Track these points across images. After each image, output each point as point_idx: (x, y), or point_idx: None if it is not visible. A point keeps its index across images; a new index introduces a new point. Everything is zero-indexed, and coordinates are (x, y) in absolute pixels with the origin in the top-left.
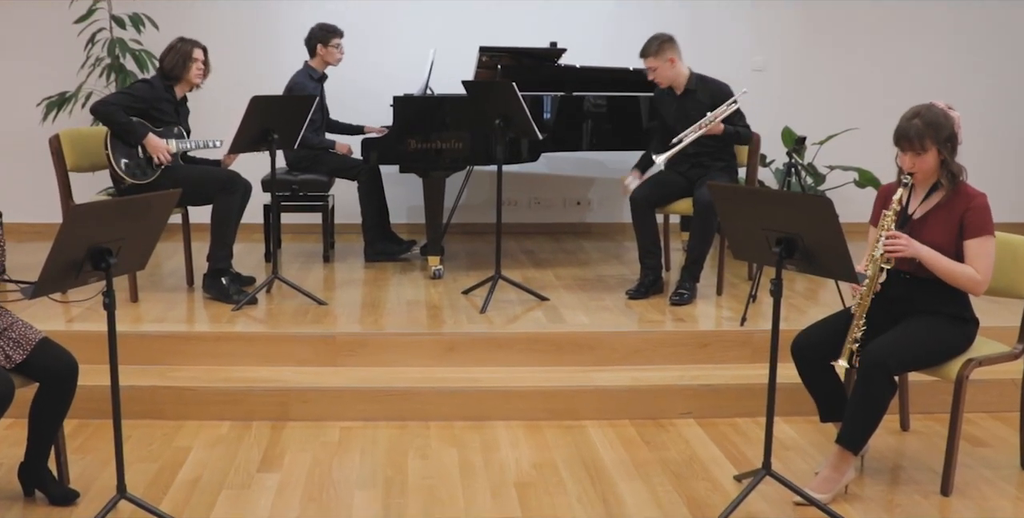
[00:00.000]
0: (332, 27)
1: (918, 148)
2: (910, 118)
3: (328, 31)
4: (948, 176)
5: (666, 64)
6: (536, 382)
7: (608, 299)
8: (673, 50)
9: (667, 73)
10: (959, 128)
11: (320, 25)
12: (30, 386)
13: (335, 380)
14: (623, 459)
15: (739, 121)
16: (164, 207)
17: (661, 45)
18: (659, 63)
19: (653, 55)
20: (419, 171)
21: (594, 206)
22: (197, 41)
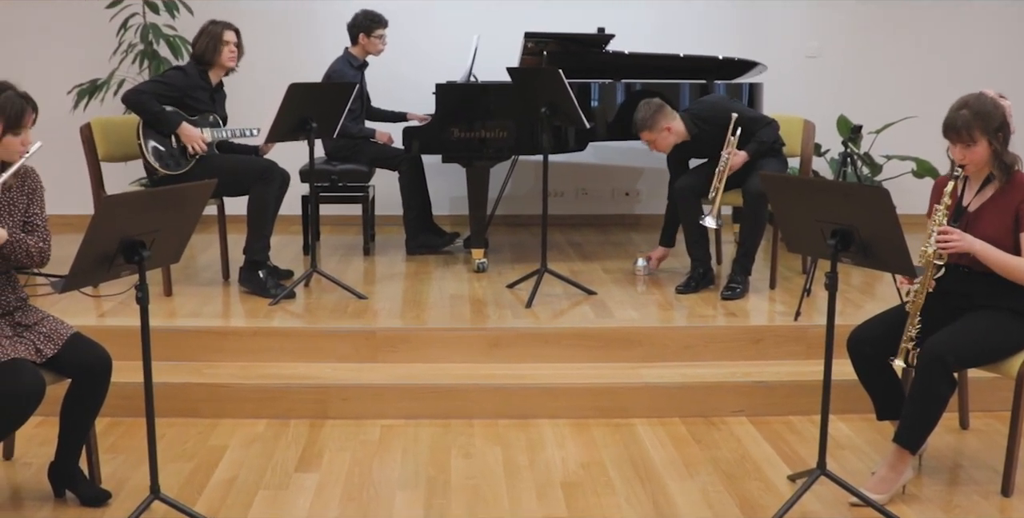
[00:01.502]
0: (377, 16)
1: (967, 139)
2: (958, 108)
3: (373, 20)
4: (1001, 167)
5: (663, 133)
6: (583, 379)
7: (658, 293)
8: (665, 117)
9: (668, 141)
10: (1010, 117)
11: (365, 13)
12: (61, 383)
13: (375, 377)
14: (673, 458)
15: (753, 126)
16: (199, 198)
17: (652, 117)
18: (656, 136)
19: (648, 129)
20: (462, 161)
21: (643, 197)
22: (228, 23)
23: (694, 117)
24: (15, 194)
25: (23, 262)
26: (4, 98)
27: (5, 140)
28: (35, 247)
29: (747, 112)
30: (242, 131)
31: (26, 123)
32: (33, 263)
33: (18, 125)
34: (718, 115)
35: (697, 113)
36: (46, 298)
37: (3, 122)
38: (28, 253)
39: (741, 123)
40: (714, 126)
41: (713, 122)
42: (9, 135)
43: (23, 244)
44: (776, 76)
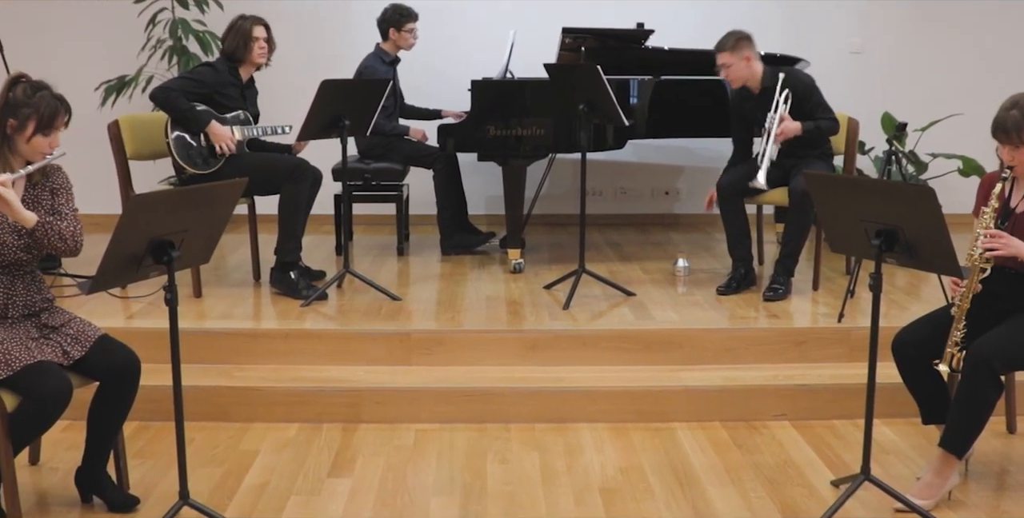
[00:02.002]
0: (407, 10)
1: (1016, 140)
2: (1008, 108)
3: (402, 14)
4: None
5: (741, 62)
6: (622, 382)
7: (698, 294)
8: (750, 48)
9: (742, 72)
10: None
11: (394, 7)
12: (88, 386)
13: (410, 380)
14: (714, 463)
15: (822, 114)
16: (229, 197)
17: (738, 42)
18: (734, 60)
19: (729, 50)
20: (498, 159)
21: (683, 196)
22: (258, 17)
23: (773, 72)
24: (39, 191)
25: (57, 247)
26: (39, 98)
27: (34, 140)
28: (67, 230)
29: (819, 97)
30: (273, 129)
31: (58, 125)
32: (67, 247)
33: (50, 126)
34: (794, 80)
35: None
36: (73, 299)
37: (35, 121)
38: (61, 236)
39: (808, 104)
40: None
41: (792, 80)
42: (39, 135)
43: (54, 227)
44: (819, 72)
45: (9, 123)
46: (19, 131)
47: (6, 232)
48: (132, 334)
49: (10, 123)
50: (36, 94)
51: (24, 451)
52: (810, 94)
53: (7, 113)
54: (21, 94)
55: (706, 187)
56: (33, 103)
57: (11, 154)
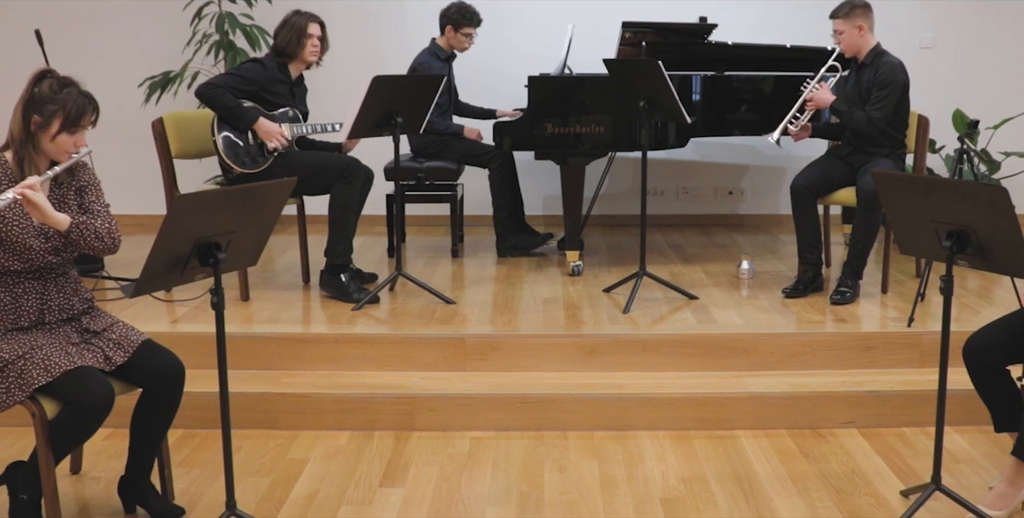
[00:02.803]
0: (471, 13)
1: None
2: None
3: (465, 16)
4: None
5: (853, 31)
6: (684, 388)
7: (763, 298)
8: (864, 17)
9: (853, 41)
10: None
11: (460, 6)
12: (131, 392)
13: (464, 386)
14: (779, 473)
15: (873, 107)
16: (278, 197)
17: (852, 9)
18: (846, 27)
19: (842, 18)
20: (556, 158)
21: (747, 196)
22: (313, 15)
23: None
24: (65, 190)
25: (95, 246)
26: (66, 95)
27: (59, 138)
28: (102, 227)
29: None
30: (323, 126)
31: (84, 123)
32: (105, 246)
33: (76, 124)
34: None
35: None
36: (115, 303)
37: (61, 119)
38: (97, 235)
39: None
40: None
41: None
42: (64, 134)
43: (89, 226)
44: None
45: (33, 120)
46: (43, 128)
47: (31, 236)
48: (177, 339)
49: (34, 120)
50: (63, 90)
51: (65, 460)
52: (886, 84)
53: (32, 109)
54: (47, 90)
55: (772, 187)
56: (60, 100)
57: (35, 153)
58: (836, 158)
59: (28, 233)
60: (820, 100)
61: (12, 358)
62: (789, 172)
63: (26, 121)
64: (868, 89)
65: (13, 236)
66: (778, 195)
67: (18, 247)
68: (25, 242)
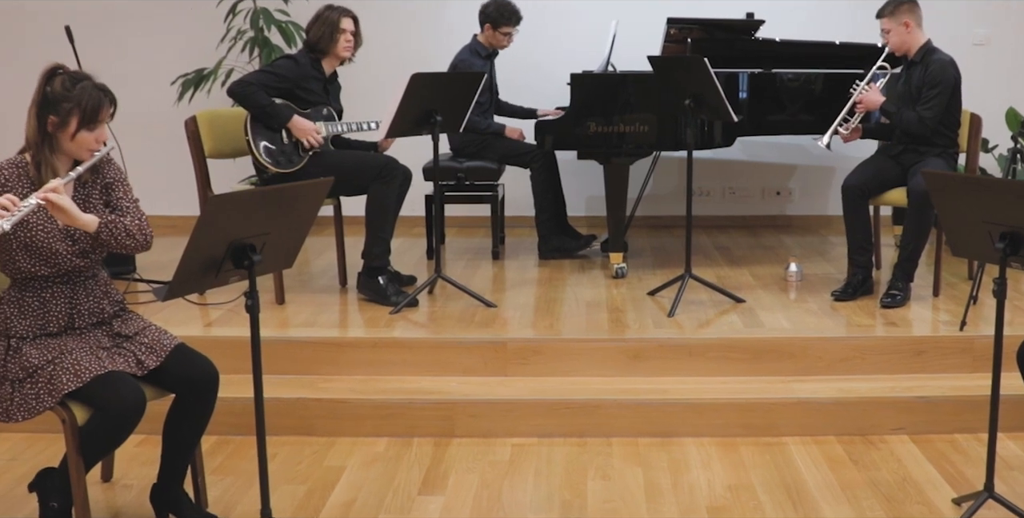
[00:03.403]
0: (511, 12)
1: None
2: None
3: (504, 15)
4: None
5: (900, 28)
6: (730, 394)
7: (811, 301)
8: (910, 14)
9: (902, 38)
10: None
11: (499, 4)
12: (164, 398)
13: (505, 392)
14: (828, 480)
15: (924, 107)
16: (314, 198)
17: (897, 7)
18: (893, 25)
19: (888, 16)
20: (599, 157)
21: (796, 196)
22: (346, 9)
23: (927, 50)
24: (90, 189)
25: (127, 245)
26: (80, 90)
27: (79, 136)
28: (133, 225)
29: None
30: (359, 125)
31: (103, 118)
32: (137, 243)
33: (94, 120)
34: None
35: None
36: (147, 306)
37: (78, 116)
38: (128, 233)
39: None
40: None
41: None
42: (84, 131)
43: (118, 225)
44: None
45: (50, 120)
46: (62, 128)
47: (56, 239)
48: (211, 343)
49: (51, 120)
50: (76, 86)
51: (96, 467)
52: (936, 82)
53: (47, 109)
54: (60, 87)
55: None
56: (74, 96)
57: (53, 154)
58: (887, 158)
59: (53, 237)
60: (870, 102)
61: (41, 363)
62: (838, 172)
63: (42, 123)
64: (919, 87)
65: (38, 241)
66: (827, 195)
67: (44, 252)
68: (51, 246)
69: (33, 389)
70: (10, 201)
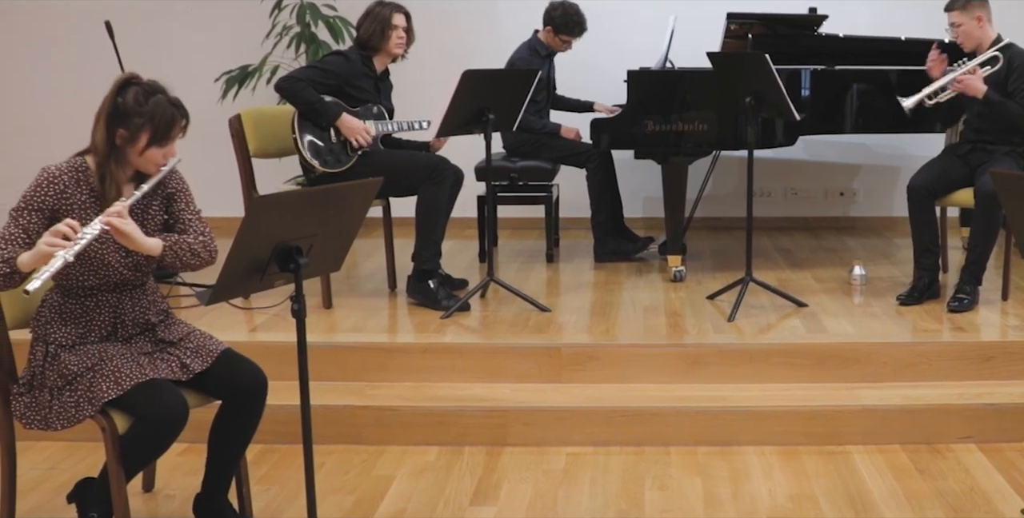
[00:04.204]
0: (575, 24)
1: None
2: None
3: (569, 25)
4: None
5: (972, 22)
6: (792, 401)
7: (876, 305)
8: (982, 7)
9: (973, 33)
10: None
11: (567, 12)
12: (208, 405)
13: (560, 399)
14: (893, 490)
15: (1019, 95)
16: (362, 198)
17: (968, 0)
18: (964, 19)
19: (959, 10)
20: (657, 157)
21: (860, 197)
22: (398, 4)
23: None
24: (150, 199)
25: (192, 265)
26: (153, 104)
27: (148, 152)
28: (197, 243)
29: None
30: (410, 124)
31: (175, 135)
32: (203, 261)
33: (166, 136)
34: (1015, 53)
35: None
36: (190, 311)
37: (149, 133)
38: (193, 252)
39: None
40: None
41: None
42: (153, 147)
43: (183, 245)
44: None
45: (119, 133)
46: (131, 143)
47: (110, 251)
48: (256, 348)
49: (120, 133)
50: (149, 100)
51: (137, 477)
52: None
53: (116, 122)
54: (132, 100)
55: (886, 188)
56: (146, 111)
57: (118, 168)
58: (954, 157)
59: (108, 248)
60: (971, 87)
61: (81, 371)
62: (904, 172)
63: (110, 134)
64: (997, 83)
65: (91, 251)
66: (892, 196)
67: (95, 262)
68: (103, 258)
69: (72, 397)
70: (71, 228)
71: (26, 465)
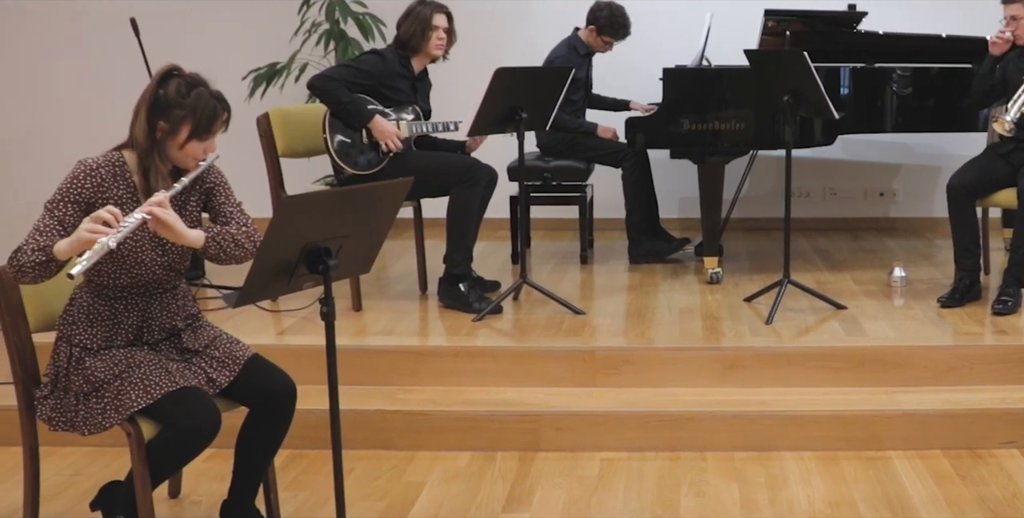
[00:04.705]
0: (620, 26)
1: None
2: None
3: (614, 28)
4: None
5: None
6: (831, 406)
7: (917, 308)
8: None
9: None
10: None
11: (613, 15)
12: (236, 410)
13: (594, 403)
14: (934, 496)
15: None
16: (393, 199)
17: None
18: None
19: (1020, 1)
20: (693, 156)
21: (900, 198)
22: (440, 4)
23: None
24: (188, 194)
25: (236, 255)
26: (195, 97)
27: (188, 146)
28: (240, 233)
29: None
30: (444, 125)
31: (216, 129)
32: (246, 253)
33: (207, 130)
34: None
35: None
36: (217, 313)
37: (190, 126)
38: (236, 242)
39: None
40: None
41: None
42: (194, 140)
43: (226, 237)
44: None
45: (160, 126)
46: (171, 136)
47: (146, 248)
48: (284, 352)
49: (160, 126)
50: (191, 92)
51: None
52: None
53: (157, 114)
54: (174, 92)
55: (927, 188)
56: (188, 104)
57: (160, 161)
58: (996, 156)
59: (143, 245)
60: None
61: (108, 378)
62: (944, 171)
63: (151, 127)
64: None
65: (126, 248)
66: (933, 196)
67: (128, 260)
68: (138, 255)
69: (99, 404)
70: (113, 216)
71: (50, 471)
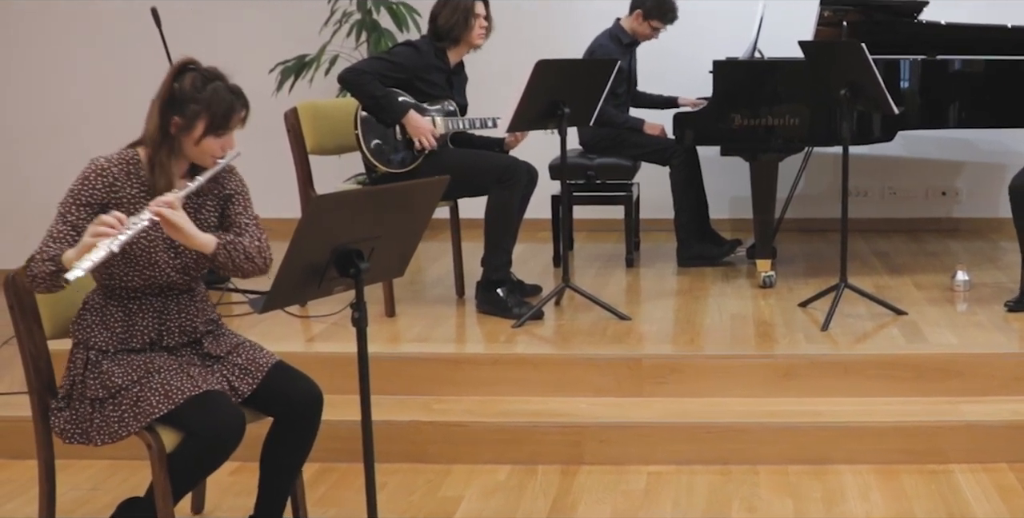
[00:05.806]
0: (667, 9)
1: None
2: None
3: (659, 10)
4: None
5: None
6: (891, 416)
7: (981, 313)
8: None
9: None
10: None
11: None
12: (261, 421)
13: (641, 414)
14: (1000, 512)
15: None
16: (428, 199)
17: None
18: None
19: None
20: (745, 153)
21: (963, 197)
22: None
23: None
24: (204, 198)
25: (244, 269)
26: (211, 91)
27: (204, 142)
28: (252, 246)
29: None
30: (482, 122)
31: (233, 124)
32: (255, 267)
33: (223, 126)
34: None
35: None
36: (243, 319)
37: (206, 121)
38: (247, 255)
39: None
40: None
41: None
42: (210, 136)
43: (237, 247)
44: None
45: (174, 121)
46: (186, 131)
47: (159, 249)
48: (313, 360)
49: (175, 121)
50: (207, 87)
51: (186, 498)
52: None
53: (172, 109)
54: (189, 86)
55: (992, 187)
56: (203, 98)
57: (173, 158)
58: None
59: (156, 245)
60: None
61: (126, 383)
62: (1010, 170)
63: (164, 122)
64: None
65: (139, 248)
66: (998, 196)
67: (141, 261)
68: (151, 256)
69: (116, 411)
70: (118, 219)
71: (66, 485)
